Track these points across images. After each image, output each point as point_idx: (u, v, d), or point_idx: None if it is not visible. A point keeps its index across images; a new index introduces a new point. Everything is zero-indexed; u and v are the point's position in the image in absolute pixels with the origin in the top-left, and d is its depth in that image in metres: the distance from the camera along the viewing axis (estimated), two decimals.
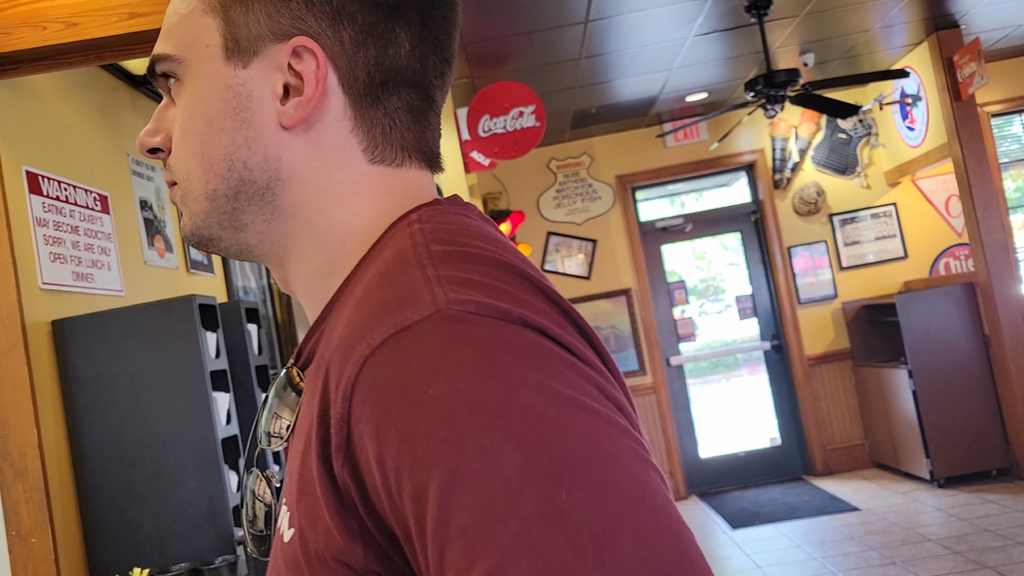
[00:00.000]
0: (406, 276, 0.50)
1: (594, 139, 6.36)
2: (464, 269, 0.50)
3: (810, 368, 6.22)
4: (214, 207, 0.61)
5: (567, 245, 6.33)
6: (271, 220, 0.61)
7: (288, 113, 0.59)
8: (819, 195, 6.26)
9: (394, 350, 0.46)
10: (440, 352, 0.45)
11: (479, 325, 0.46)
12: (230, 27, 0.59)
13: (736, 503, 5.83)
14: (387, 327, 0.47)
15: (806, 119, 6.24)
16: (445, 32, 0.63)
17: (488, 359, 0.45)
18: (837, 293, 6.23)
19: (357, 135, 0.60)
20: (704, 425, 6.46)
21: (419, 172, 0.63)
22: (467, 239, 0.54)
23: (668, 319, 6.46)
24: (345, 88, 0.59)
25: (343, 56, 0.59)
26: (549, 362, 0.46)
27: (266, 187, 0.60)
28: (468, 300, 0.47)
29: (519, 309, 0.48)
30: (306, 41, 0.58)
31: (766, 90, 4.27)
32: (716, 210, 6.60)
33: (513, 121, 4.57)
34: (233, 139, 0.60)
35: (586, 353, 0.49)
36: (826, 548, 4.54)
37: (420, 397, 0.44)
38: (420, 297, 0.48)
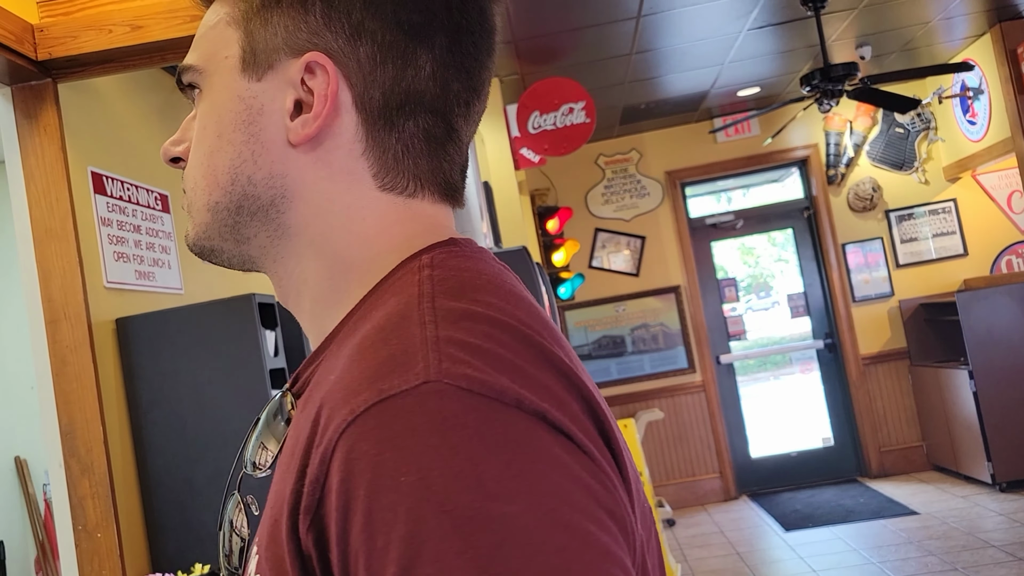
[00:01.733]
0: (404, 334, 0.48)
1: (643, 135, 6.31)
2: (467, 331, 0.47)
3: (865, 367, 6.10)
4: (215, 219, 0.60)
5: (615, 241, 6.28)
6: (275, 237, 0.60)
7: (296, 130, 0.57)
8: (875, 191, 6.13)
9: (374, 422, 0.43)
10: (419, 435, 0.42)
11: (468, 407, 0.43)
12: (249, 39, 0.58)
13: (788, 504, 5.74)
14: (372, 394, 0.44)
15: (861, 113, 6.11)
16: (474, 60, 0.60)
17: (468, 452, 0.41)
18: (894, 291, 6.09)
19: (368, 159, 0.58)
20: (755, 424, 6.37)
21: (433, 205, 0.60)
22: (477, 293, 0.51)
23: (718, 316, 6.38)
24: (359, 108, 0.57)
25: (359, 75, 0.56)
26: (537, 463, 0.42)
27: (270, 203, 0.58)
28: (462, 374, 0.44)
29: (517, 387, 0.44)
30: (319, 57, 0.56)
31: (823, 84, 4.18)
32: (768, 206, 6.50)
33: (563, 117, 4.54)
34: (240, 152, 0.58)
35: (585, 441, 0.45)
36: (883, 552, 4.44)
37: (390, 483, 0.41)
38: (412, 363, 0.45)
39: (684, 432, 6.12)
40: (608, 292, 6.25)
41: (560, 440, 0.44)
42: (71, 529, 2.05)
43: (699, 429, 6.12)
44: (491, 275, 0.55)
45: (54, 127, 2.08)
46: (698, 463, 6.12)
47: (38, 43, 2.02)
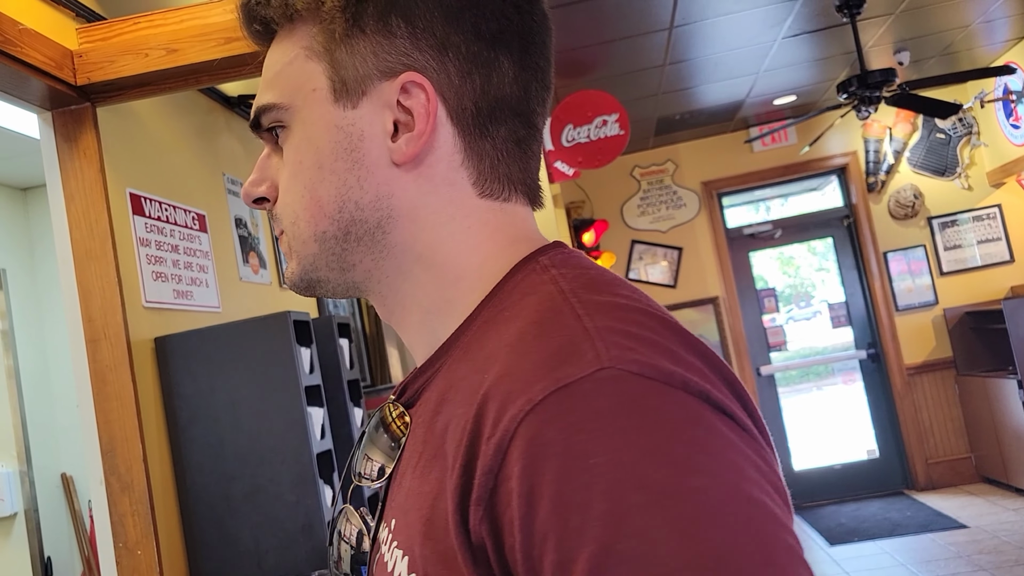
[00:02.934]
0: (564, 327, 0.48)
1: (678, 146, 6.27)
2: (621, 320, 0.48)
3: (910, 378, 5.97)
4: (323, 249, 0.61)
5: (651, 253, 6.24)
6: (380, 258, 0.61)
7: (400, 150, 0.58)
8: (916, 198, 6.02)
9: (556, 409, 0.44)
10: (604, 417, 0.43)
11: (644, 390, 0.44)
12: (336, 69, 0.59)
13: (833, 518, 5.63)
14: (549, 382, 0.45)
15: (901, 119, 6.01)
16: (544, 58, 0.62)
17: (654, 431, 0.43)
18: (938, 299, 5.97)
19: (467, 168, 0.59)
20: (797, 437, 6.27)
21: (524, 207, 0.62)
22: (610, 286, 0.52)
23: (757, 327, 6.30)
24: (454, 120, 0.58)
25: (450, 88, 0.58)
26: (713, 439, 0.44)
27: (377, 226, 0.59)
28: (632, 359, 0.45)
29: (681, 370, 0.46)
30: (415, 76, 0.57)
31: (860, 91, 4.12)
32: (807, 215, 6.41)
33: (597, 130, 4.53)
34: (345, 180, 0.59)
35: (743, 419, 0.47)
36: (932, 567, 4.33)
37: (580, 464, 0.42)
38: (582, 352, 0.46)
39: None
40: None
41: (723, 419, 0.45)
42: (112, 546, 2.08)
43: None
44: (611, 273, 0.56)
45: (93, 150, 2.12)
46: None
47: (77, 68, 2.07)
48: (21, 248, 4.14)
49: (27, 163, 3.79)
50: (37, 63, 1.92)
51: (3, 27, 1.81)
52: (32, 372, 4.01)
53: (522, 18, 0.60)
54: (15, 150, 3.63)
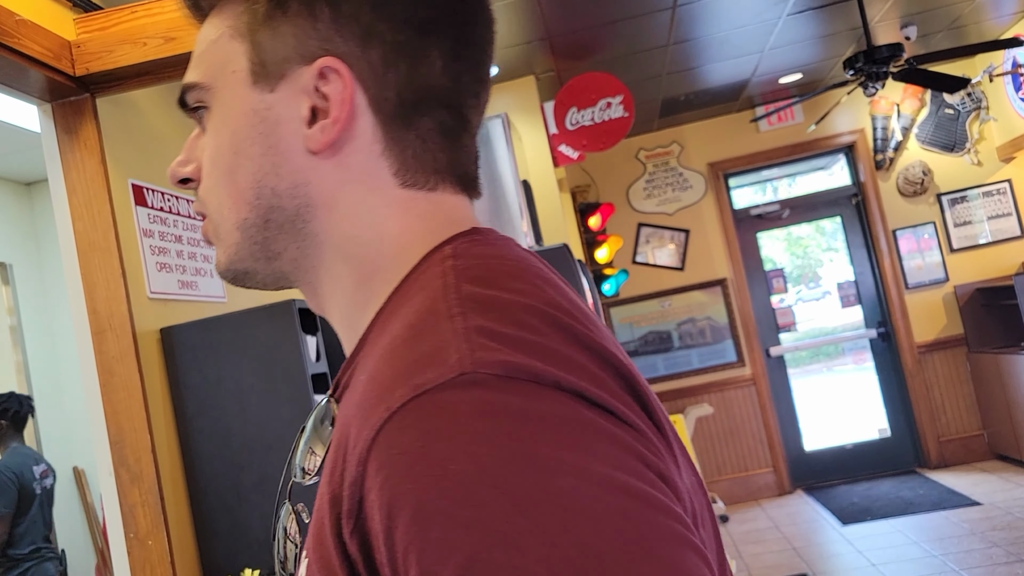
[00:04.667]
0: (435, 328, 0.47)
1: (684, 127, 6.23)
2: (496, 318, 0.47)
3: (921, 356, 5.94)
4: (245, 237, 0.59)
5: (658, 236, 6.21)
6: (304, 247, 0.59)
7: (315, 137, 0.56)
8: (925, 174, 5.97)
9: (414, 416, 0.43)
10: (464, 422, 0.42)
11: (508, 392, 0.42)
12: (257, 51, 0.57)
13: (845, 497, 5.62)
14: (407, 389, 0.44)
15: (909, 95, 5.96)
16: (480, 50, 0.60)
17: (516, 434, 0.41)
18: (948, 276, 5.93)
19: (388, 158, 0.57)
20: (808, 417, 6.25)
21: (454, 196, 0.60)
22: (502, 279, 0.51)
23: (766, 308, 6.28)
24: (375, 109, 0.57)
25: (372, 76, 0.56)
26: (583, 434, 0.42)
27: (296, 214, 0.58)
28: (497, 361, 0.44)
29: (553, 369, 0.44)
30: (333, 62, 0.55)
31: (867, 67, 4.08)
32: (815, 194, 6.37)
33: (601, 112, 4.50)
34: (260, 165, 0.58)
35: (627, 413, 0.45)
36: (946, 545, 4.32)
37: (439, 472, 0.40)
38: (446, 356, 0.44)
39: (735, 427, 6.03)
40: (653, 287, 6.18)
41: (601, 414, 0.44)
42: (123, 537, 2.08)
43: (750, 423, 6.03)
44: (516, 260, 0.54)
45: (94, 141, 2.11)
46: (750, 458, 6.03)
47: (75, 59, 2.05)
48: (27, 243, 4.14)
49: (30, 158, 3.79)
50: (35, 54, 1.91)
51: (0, 18, 1.79)
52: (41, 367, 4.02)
53: (456, 7, 0.58)
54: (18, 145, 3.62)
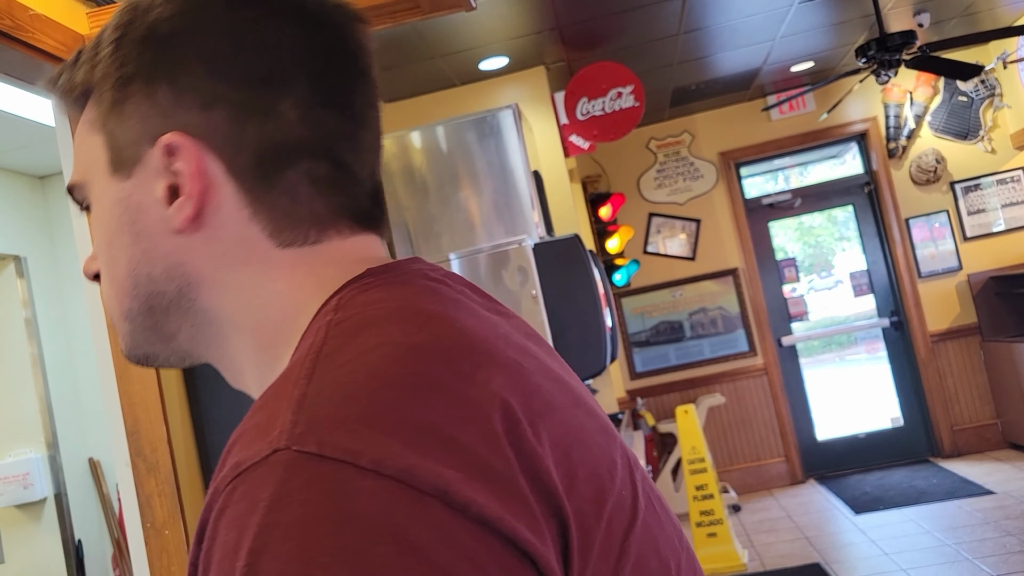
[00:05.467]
0: (278, 397, 0.45)
1: (695, 116, 6.21)
2: (340, 380, 0.44)
3: (934, 345, 5.92)
4: (135, 325, 0.59)
5: (670, 226, 6.20)
6: (197, 324, 0.58)
7: (175, 216, 0.55)
8: (938, 162, 5.94)
9: (227, 500, 0.42)
10: (256, 513, 0.40)
11: (311, 478, 0.40)
12: (111, 140, 0.57)
13: (858, 487, 5.62)
14: (230, 469, 0.43)
15: (922, 83, 5.92)
16: (345, 89, 0.58)
17: (298, 536, 0.38)
18: (961, 265, 5.90)
19: (258, 221, 0.55)
20: (820, 406, 6.24)
21: (347, 240, 0.58)
22: (376, 326, 0.48)
23: (778, 298, 6.26)
24: (233, 175, 0.55)
25: (223, 142, 0.54)
26: (378, 543, 0.38)
27: (179, 295, 0.57)
28: (314, 438, 0.41)
29: (377, 445, 0.41)
30: (175, 137, 0.54)
31: (879, 55, 4.06)
32: (827, 183, 6.34)
33: (611, 102, 4.49)
34: (132, 254, 0.57)
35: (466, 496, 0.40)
36: (959, 534, 4.31)
37: (228, 567, 0.40)
38: (271, 429, 0.42)
39: (747, 416, 6.03)
40: (664, 277, 6.18)
41: (424, 504, 0.40)
42: (140, 527, 2.10)
43: (762, 413, 6.02)
44: (401, 300, 0.52)
45: None
46: (763, 447, 6.03)
47: None
48: (41, 236, 4.17)
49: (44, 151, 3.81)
50: (50, 48, 1.92)
51: (14, 13, 1.80)
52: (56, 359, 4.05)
53: (303, 56, 0.56)
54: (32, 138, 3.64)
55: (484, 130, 3.86)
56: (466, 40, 3.95)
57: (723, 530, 4.48)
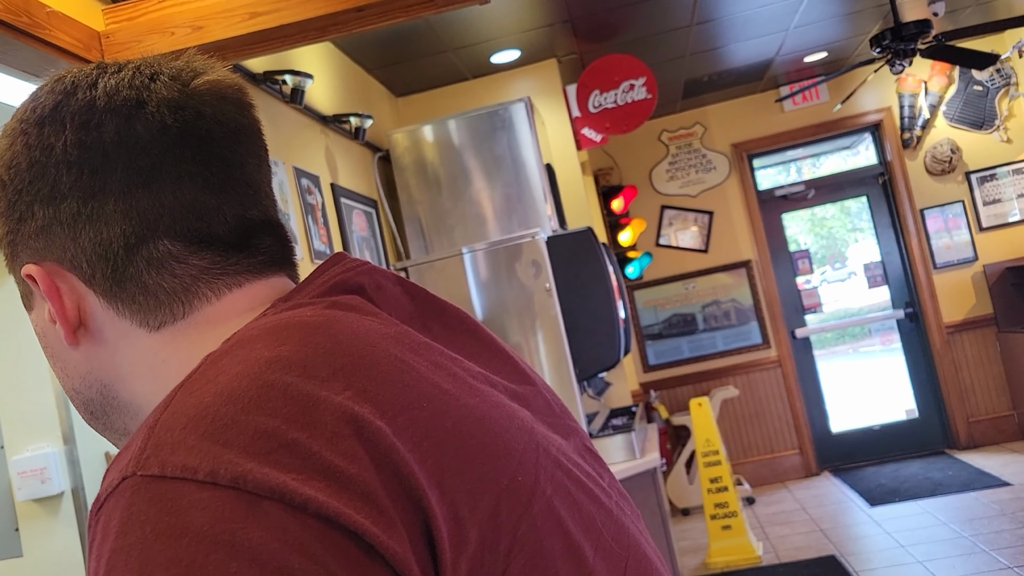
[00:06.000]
0: (140, 429, 0.48)
1: (707, 108, 6.18)
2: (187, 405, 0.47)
3: (949, 336, 5.89)
4: (97, 427, 0.65)
5: (682, 218, 6.18)
6: (131, 415, 0.62)
7: (60, 334, 0.60)
8: (953, 152, 5.89)
9: (92, 532, 0.45)
10: (108, 538, 0.43)
11: (151, 498, 0.43)
12: (17, 280, 0.63)
13: (873, 479, 5.60)
14: (93, 504, 0.46)
15: (937, 72, 5.87)
16: (170, 157, 0.58)
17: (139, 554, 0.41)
18: (977, 255, 5.86)
19: (125, 316, 0.59)
20: (834, 398, 6.22)
21: (220, 301, 0.59)
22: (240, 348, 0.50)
23: (791, 290, 6.24)
24: (89, 283, 0.59)
25: (67, 258, 0.59)
26: (212, 552, 0.40)
27: (102, 398, 0.62)
28: (156, 460, 0.44)
29: (214, 458, 0.43)
30: (28, 268, 0.59)
31: (894, 44, 4.03)
32: (840, 174, 6.31)
33: (624, 95, 4.48)
34: (59, 373, 0.63)
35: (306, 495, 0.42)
36: (976, 525, 4.30)
37: None
38: (124, 458, 0.46)
39: (761, 409, 6.02)
40: (677, 270, 6.16)
41: (260, 507, 0.42)
42: None
43: (776, 405, 6.01)
44: (282, 318, 0.53)
45: None
46: (776, 440, 6.01)
47: (105, 49, 2.07)
48: None
49: None
50: (66, 45, 1.92)
51: (31, 10, 1.81)
52: None
53: (110, 143, 0.57)
54: None
55: (496, 124, 3.85)
56: (478, 33, 3.94)
57: (737, 522, 4.47)
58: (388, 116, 4.33)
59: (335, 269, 0.60)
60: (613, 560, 0.54)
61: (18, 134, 0.59)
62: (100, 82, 0.59)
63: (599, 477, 0.61)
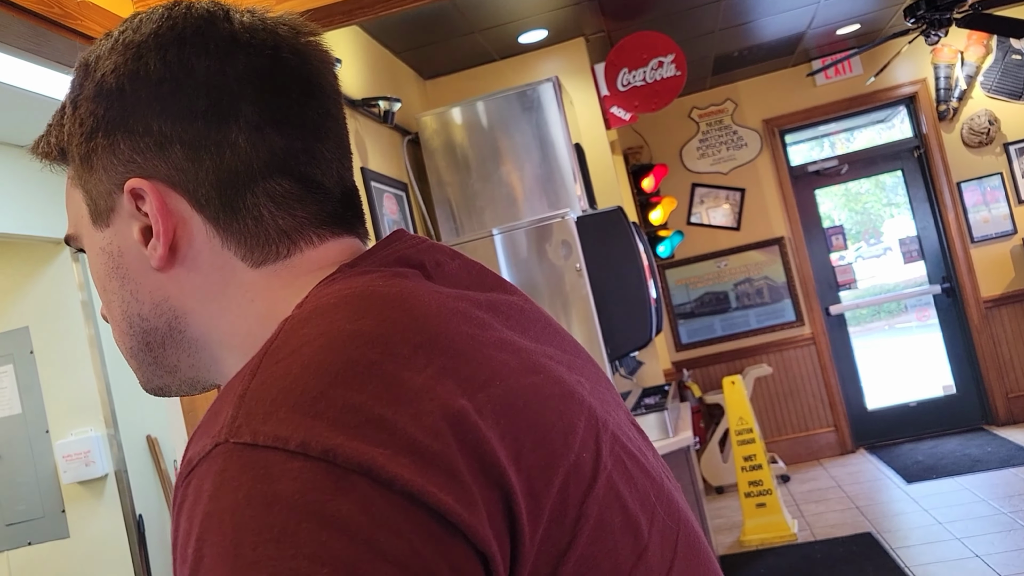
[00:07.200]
0: (229, 391, 0.49)
1: (737, 84, 6.11)
2: (282, 371, 0.47)
3: (987, 311, 5.79)
4: (140, 362, 0.64)
5: (713, 196, 6.13)
6: (193, 353, 0.62)
7: (152, 255, 0.60)
8: (991, 124, 5.77)
9: (183, 493, 0.46)
10: (200, 502, 0.44)
11: (244, 465, 0.43)
12: (88, 194, 0.62)
13: (910, 456, 5.54)
14: (184, 466, 0.47)
15: (973, 42, 5.75)
16: (291, 106, 0.60)
17: (232, 520, 0.42)
18: (1016, 228, 5.75)
19: (230, 247, 0.59)
20: (870, 375, 6.16)
21: (317, 249, 0.61)
22: (323, 315, 0.51)
23: (825, 266, 6.17)
24: (198, 208, 0.59)
25: (182, 179, 0.58)
26: (304, 520, 0.41)
27: (169, 329, 0.62)
28: (249, 428, 0.44)
29: (305, 430, 0.43)
30: (136, 182, 0.58)
31: (929, 14, 3.95)
32: (874, 148, 6.21)
33: (652, 72, 4.44)
34: (122, 297, 0.62)
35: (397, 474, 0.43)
36: (1015, 502, 4.24)
37: (182, 553, 0.44)
38: (215, 425, 0.46)
39: (795, 386, 5.97)
40: (709, 248, 6.12)
41: (349, 481, 0.42)
42: None
43: (810, 383, 5.96)
44: (356, 287, 0.54)
45: None
46: (811, 417, 5.97)
47: None
48: None
49: None
50: (97, 35, 1.95)
51: (62, 1, 1.84)
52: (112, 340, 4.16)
53: (243, 85, 0.58)
54: None
55: (525, 104, 3.84)
56: (504, 14, 3.92)
57: (772, 500, 4.46)
58: (416, 99, 4.33)
59: (398, 244, 0.61)
60: (666, 533, 0.56)
61: (150, 49, 0.58)
62: (234, 17, 0.60)
63: (647, 450, 0.62)
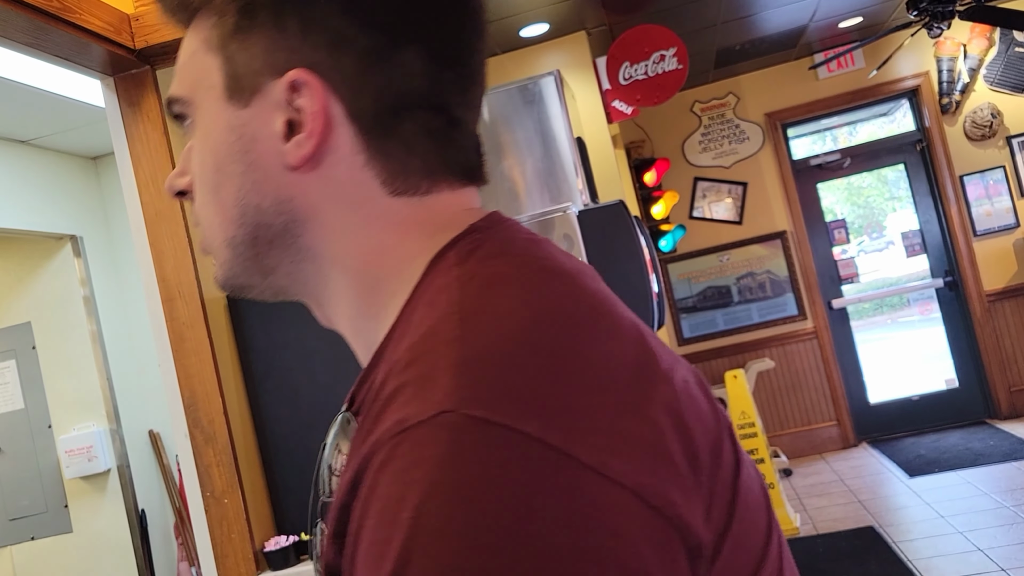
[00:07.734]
0: (431, 353, 0.46)
1: (739, 77, 6.09)
2: (497, 341, 0.45)
3: (990, 304, 5.78)
4: (236, 254, 0.59)
5: (715, 190, 6.12)
6: (298, 261, 0.58)
7: (292, 152, 0.55)
8: (994, 117, 5.76)
9: (389, 454, 0.43)
10: (426, 469, 0.41)
11: (480, 441, 0.41)
12: (230, 65, 0.56)
13: (912, 450, 5.54)
14: (393, 424, 0.43)
15: (976, 35, 5.72)
16: (465, 44, 0.58)
17: (467, 495, 0.40)
18: (1019, 222, 5.74)
19: (373, 168, 0.55)
20: (872, 369, 6.15)
21: (452, 193, 0.58)
22: (507, 287, 0.49)
23: (827, 260, 6.16)
24: (352, 119, 0.55)
25: (346, 85, 0.54)
26: (544, 509, 0.40)
27: (284, 229, 0.57)
28: (483, 400, 0.42)
29: (542, 416, 0.42)
30: (302, 74, 0.53)
31: (931, 7, 3.94)
32: (877, 141, 6.19)
33: (654, 66, 4.43)
34: (242, 183, 0.56)
35: (630, 475, 0.42)
36: (1018, 496, 4.24)
37: (391, 516, 0.41)
38: (432, 390, 0.43)
39: (797, 380, 5.97)
40: (711, 242, 6.11)
41: (587, 481, 0.41)
42: (200, 496, 2.16)
43: (813, 377, 5.96)
44: (522, 256, 0.53)
45: (155, 113, 2.16)
46: (813, 411, 5.97)
47: (135, 32, 2.09)
48: (96, 215, 4.27)
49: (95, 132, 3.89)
50: (96, 28, 1.95)
51: None
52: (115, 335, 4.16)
53: (429, 7, 0.56)
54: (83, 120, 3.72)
55: (526, 98, 3.84)
56: (506, 7, 3.91)
57: (774, 494, 4.46)
58: None
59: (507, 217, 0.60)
60: (771, 516, 0.55)
61: None
62: None
63: None
